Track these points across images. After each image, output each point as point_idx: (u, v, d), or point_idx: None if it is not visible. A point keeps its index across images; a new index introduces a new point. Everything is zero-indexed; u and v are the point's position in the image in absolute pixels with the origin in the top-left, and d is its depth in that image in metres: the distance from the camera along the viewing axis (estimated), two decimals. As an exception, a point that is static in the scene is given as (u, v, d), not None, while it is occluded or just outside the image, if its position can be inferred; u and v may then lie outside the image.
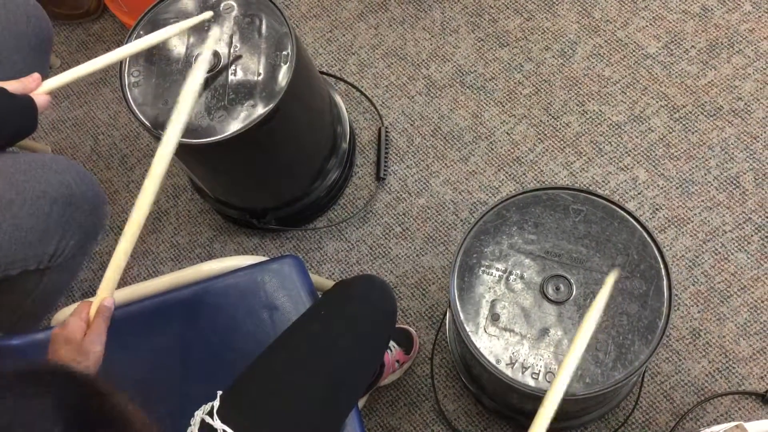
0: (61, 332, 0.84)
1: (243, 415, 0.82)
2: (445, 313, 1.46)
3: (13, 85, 0.99)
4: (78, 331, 0.84)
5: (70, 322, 0.85)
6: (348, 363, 0.90)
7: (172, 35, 1.16)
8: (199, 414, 0.84)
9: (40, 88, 1.02)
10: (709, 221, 1.47)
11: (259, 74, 1.20)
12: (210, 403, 0.84)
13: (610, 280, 0.87)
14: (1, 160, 1.06)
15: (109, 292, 0.89)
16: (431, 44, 1.70)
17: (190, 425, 0.84)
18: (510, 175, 1.56)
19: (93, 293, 1.61)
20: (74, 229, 1.10)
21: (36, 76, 1.02)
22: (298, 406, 0.85)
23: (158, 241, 1.65)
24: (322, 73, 1.69)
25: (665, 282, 1.03)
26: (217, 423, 0.81)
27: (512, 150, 1.58)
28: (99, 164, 1.75)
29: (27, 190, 1.04)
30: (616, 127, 1.56)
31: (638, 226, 1.06)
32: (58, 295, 1.26)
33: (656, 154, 1.53)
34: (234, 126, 1.18)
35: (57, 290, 1.22)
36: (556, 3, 1.68)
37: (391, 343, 1.38)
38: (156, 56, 1.24)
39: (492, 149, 1.59)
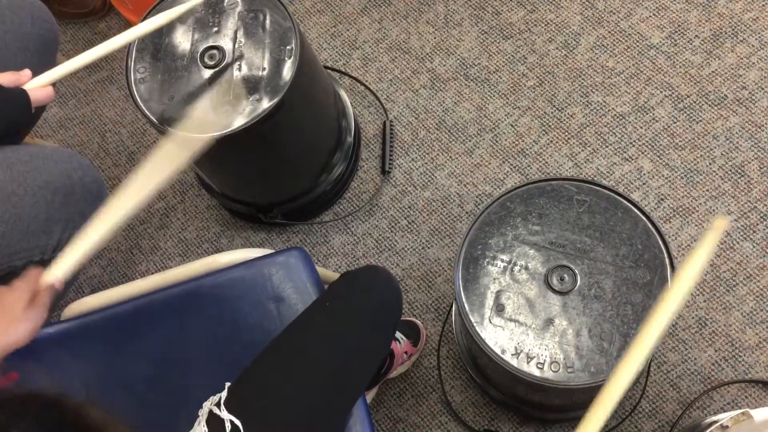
0: (1, 297, 0.80)
1: (250, 406, 0.83)
2: (452, 305, 1.47)
3: (6, 78, 1.01)
4: (19, 303, 0.80)
5: (16, 289, 0.81)
6: (353, 354, 0.91)
7: (161, 25, 1.14)
8: (207, 405, 0.85)
9: (35, 82, 1.03)
10: (714, 210, 1.47)
11: (263, 69, 1.21)
12: (218, 395, 0.85)
13: (720, 225, 0.74)
14: (2, 152, 1.07)
15: (60, 270, 0.85)
16: (435, 38, 1.71)
17: (199, 416, 0.85)
18: (515, 167, 1.57)
19: (102, 289, 1.62)
20: (77, 218, 1.11)
21: (27, 71, 1.03)
22: (304, 397, 0.86)
23: (166, 237, 1.67)
24: (326, 67, 1.70)
25: (669, 271, 1.04)
26: (224, 414, 0.82)
27: (517, 142, 1.59)
28: (107, 161, 1.77)
29: (29, 181, 1.05)
30: (621, 117, 1.57)
31: (642, 216, 1.07)
32: (65, 289, 1.28)
33: (661, 144, 1.53)
34: (239, 121, 1.19)
35: (65, 284, 1.23)
36: (560, -6, 1.69)
37: (400, 335, 1.39)
38: (162, 53, 1.25)
39: (496, 141, 1.60)
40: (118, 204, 0.87)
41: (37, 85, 1.03)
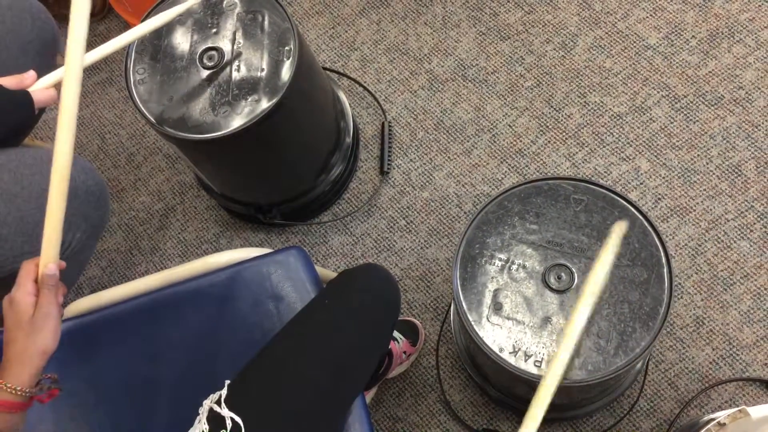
0: (10, 311, 0.80)
1: (250, 404, 0.84)
2: (450, 304, 1.48)
3: (9, 81, 1.01)
4: (27, 307, 0.79)
5: (15, 298, 0.80)
6: (352, 351, 0.92)
7: (157, 27, 1.14)
8: (208, 403, 0.86)
9: (38, 85, 1.04)
10: (711, 210, 1.47)
11: (262, 70, 1.22)
12: (218, 392, 0.86)
13: (618, 230, 0.80)
14: (6, 154, 1.07)
15: (51, 257, 0.82)
16: (433, 39, 1.71)
17: (199, 414, 0.86)
18: (513, 167, 1.58)
19: (102, 288, 1.63)
20: (80, 221, 1.12)
21: (31, 73, 1.04)
22: (303, 395, 0.86)
23: (165, 238, 1.67)
24: (325, 68, 1.71)
25: (666, 269, 1.04)
26: (224, 411, 0.82)
27: (515, 142, 1.59)
28: (106, 163, 1.77)
29: (32, 184, 1.05)
30: (618, 118, 1.57)
31: (638, 215, 1.07)
32: (66, 289, 1.28)
33: (658, 144, 1.54)
34: (238, 121, 1.20)
35: (66, 285, 1.23)
36: (557, -5, 1.69)
37: (399, 335, 1.39)
38: (161, 54, 1.25)
39: (494, 142, 1.60)
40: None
41: (40, 88, 1.03)
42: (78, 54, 0.81)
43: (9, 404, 0.79)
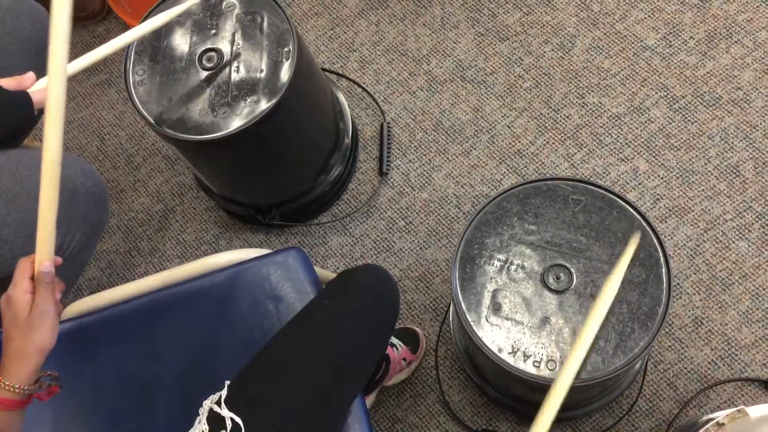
0: (7, 309, 0.80)
1: (250, 404, 0.84)
2: (449, 305, 1.48)
3: (8, 83, 1.02)
4: (24, 305, 0.79)
5: (12, 296, 0.80)
6: (351, 351, 0.92)
7: (159, 26, 1.14)
8: (208, 403, 0.86)
9: (37, 85, 1.04)
10: (709, 210, 1.48)
11: (261, 71, 1.22)
12: (218, 393, 0.86)
13: (632, 245, 0.92)
14: (6, 155, 1.08)
15: (46, 254, 0.82)
16: (432, 40, 1.72)
17: (199, 414, 0.86)
18: (512, 168, 1.58)
19: (102, 289, 1.63)
20: (79, 222, 1.12)
21: (30, 74, 1.04)
22: (303, 395, 0.86)
23: (165, 239, 1.67)
24: (324, 70, 1.71)
25: (664, 269, 1.04)
26: (224, 411, 0.82)
27: (513, 143, 1.60)
28: (105, 164, 1.77)
29: (32, 185, 1.06)
30: (616, 118, 1.58)
31: (637, 215, 1.08)
32: (66, 290, 1.28)
33: (656, 145, 1.54)
34: (237, 122, 1.20)
35: (65, 286, 1.24)
36: (555, -3, 1.70)
37: (397, 341, 1.39)
38: (160, 55, 1.26)
39: (493, 143, 1.60)
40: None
41: (39, 88, 1.04)
42: (62, 49, 0.78)
43: (7, 402, 0.79)
